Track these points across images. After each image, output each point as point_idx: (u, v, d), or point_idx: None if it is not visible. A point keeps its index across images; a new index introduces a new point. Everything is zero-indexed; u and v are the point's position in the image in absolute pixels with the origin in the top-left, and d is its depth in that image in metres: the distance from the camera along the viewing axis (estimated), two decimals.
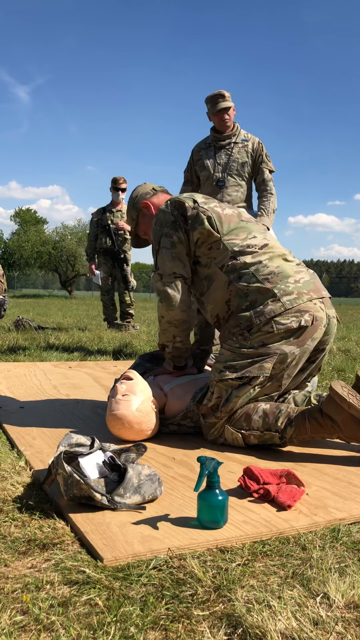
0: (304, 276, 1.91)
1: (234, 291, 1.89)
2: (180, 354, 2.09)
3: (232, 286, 1.89)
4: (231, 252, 1.91)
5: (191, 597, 0.96)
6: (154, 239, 2.02)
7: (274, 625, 0.87)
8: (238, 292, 1.88)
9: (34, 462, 1.63)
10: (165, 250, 1.96)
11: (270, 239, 2.00)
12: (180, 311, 1.96)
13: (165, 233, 1.96)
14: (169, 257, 1.95)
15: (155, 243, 2.01)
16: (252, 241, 1.94)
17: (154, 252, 2.02)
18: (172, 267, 1.95)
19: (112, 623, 0.88)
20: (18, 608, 0.92)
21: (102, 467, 1.38)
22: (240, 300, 1.87)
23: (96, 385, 2.95)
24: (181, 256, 1.96)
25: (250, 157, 3.64)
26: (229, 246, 1.92)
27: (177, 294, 1.95)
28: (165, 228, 1.97)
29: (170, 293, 1.95)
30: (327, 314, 1.89)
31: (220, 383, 1.85)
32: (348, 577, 1.03)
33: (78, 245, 33.01)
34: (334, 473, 1.64)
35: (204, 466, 1.25)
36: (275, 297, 1.82)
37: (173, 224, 1.96)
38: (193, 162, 3.78)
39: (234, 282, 1.88)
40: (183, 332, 2.02)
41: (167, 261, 1.95)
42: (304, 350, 1.83)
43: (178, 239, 1.95)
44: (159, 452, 1.81)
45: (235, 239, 1.93)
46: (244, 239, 1.94)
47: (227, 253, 1.91)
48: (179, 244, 1.95)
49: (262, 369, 1.80)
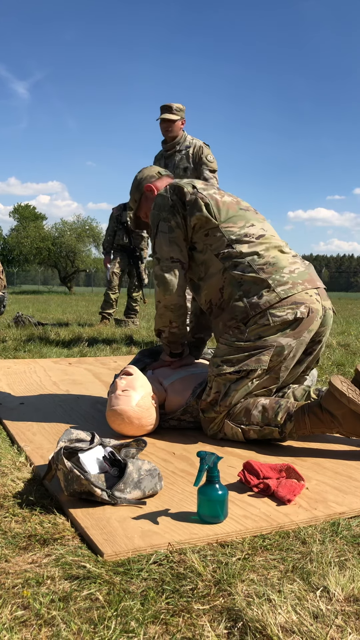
0: (299, 267, 1.91)
1: (228, 279, 1.90)
2: (177, 340, 2.10)
3: (227, 273, 1.90)
4: (227, 240, 1.92)
5: (191, 591, 0.96)
6: (152, 223, 2.03)
7: (274, 619, 0.88)
8: (232, 280, 1.89)
9: (34, 458, 1.63)
10: (162, 235, 1.97)
11: (268, 229, 2.01)
12: (177, 296, 1.97)
13: (164, 217, 1.97)
14: (167, 241, 1.96)
15: (153, 227, 2.02)
16: (250, 230, 1.95)
17: (151, 236, 2.04)
18: (169, 251, 1.96)
19: (112, 617, 0.88)
20: (19, 603, 0.92)
21: (102, 463, 1.38)
22: (234, 289, 1.88)
23: (96, 381, 2.95)
24: (178, 241, 1.97)
25: (191, 162, 4.00)
26: (226, 234, 1.92)
27: (174, 278, 1.96)
28: (164, 212, 1.97)
29: (167, 278, 1.95)
30: (323, 306, 1.90)
31: (218, 378, 1.85)
32: (348, 571, 1.03)
33: (77, 241, 32.96)
34: (334, 467, 1.64)
35: (203, 461, 1.25)
36: (269, 288, 1.82)
37: (171, 209, 1.97)
38: None
39: (229, 269, 1.89)
40: (179, 317, 2.02)
41: (165, 245, 1.96)
42: (300, 342, 1.83)
43: (176, 223, 1.96)
44: (158, 447, 1.81)
45: (233, 226, 1.94)
46: (242, 227, 1.94)
47: (224, 240, 1.92)
48: (177, 229, 1.96)
49: (260, 362, 1.81)
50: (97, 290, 32.34)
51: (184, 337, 2.12)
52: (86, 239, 33.54)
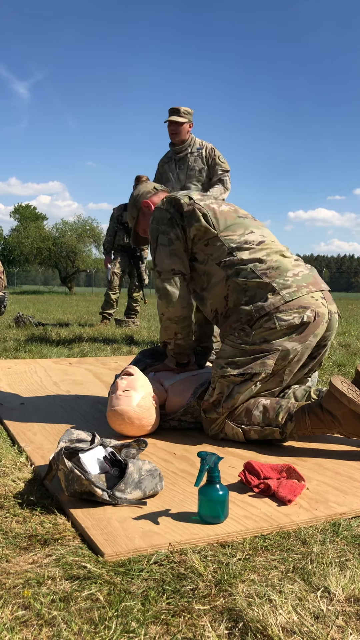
0: (303, 270, 1.91)
1: (232, 286, 1.89)
2: (183, 351, 2.09)
3: (230, 281, 1.89)
4: (228, 249, 1.91)
5: (192, 591, 0.96)
6: (151, 237, 2.02)
7: (275, 619, 0.88)
8: (236, 287, 1.88)
9: (34, 458, 1.63)
10: (162, 247, 1.96)
11: (268, 235, 2.00)
12: (181, 307, 1.96)
13: (163, 230, 1.97)
14: (167, 254, 1.96)
15: (153, 241, 2.01)
16: (249, 237, 1.94)
17: (152, 250, 2.03)
18: (170, 263, 1.96)
19: (113, 618, 0.88)
20: (19, 603, 0.92)
21: (102, 463, 1.38)
22: (239, 295, 1.87)
23: (96, 382, 2.95)
24: (179, 252, 1.96)
25: (205, 162, 4.07)
26: (226, 242, 1.92)
27: (176, 290, 1.95)
28: (162, 225, 1.97)
29: (169, 290, 1.95)
30: (329, 310, 1.89)
31: (222, 379, 1.85)
32: (348, 571, 1.03)
33: (78, 241, 32.95)
34: (335, 467, 1.64)
35: (204, 461, 1.25)
36: (274, 291, 1.81)
37: (170, 221, 1.97)
38: (159, 175, 4.21)
39: (232, 277, 1.89)
40: (184, 329, 2.02)
41: (165, 258, 1.96)
42: (306, 346, 1.83)
43: (175, 235, 1.96)
44: (159, 447, 1.81)
45: (232, 235, 1.93)
46: (241, 235, 1.94)
47: (224, 249, 1.92)
48: (176, 241, 1.96)
49: (265, 365, 1.80)
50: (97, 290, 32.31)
51: (190, 348, 2.12)
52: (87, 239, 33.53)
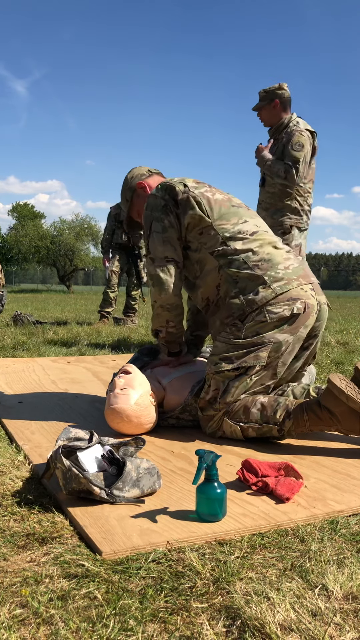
0: (293, 262, 1.93)
1: (224, 276, 1.90)
2: (174, 339, 2.09)
3: (222, 271, 1.91)
4: (222, 238, 1.92)
5: (190, 589, 0.96)
6: (145, 224, 2.02)
7: (273, 616, 0.88)
8: (228, 277, 1.89)
9: (32, 457, 1.63)
10: (156, 234, 1.96)
11: (261, 225, 2.01)
12: (173, 295, 1.97)
13: (156, 217, 1.97)
14: (160, 241, 1.95)
15: (146, 227, 2.01)
16: (243, 226, 1.95)
17: (145, 237, 2.03)
18: (163, 251, 1.96)
19: (111, 616, 0.88)
20: (17, 602, 0.92)
21: (100, 461, 1.38)
22: (230, 287, 1.89)
23: (95, 380, 2.95)
24: (172, 240, 1.96)
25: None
26: (220, 231, 1.93)
27: (169, 277, 1.95)
28: (156, 212, 1.97)
29: (162, 277, 1.95)
30: (318, 301, 1.92)
31: (217, 375, 1.85)
32: (346, 569, 1.03)
33: (76, 239, 32.91)
34: (333, 465, 1.64)
35: (202, 459, 1.25)
36: (265, 284, 1.83)
37: (164, 208, 1.96)
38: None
39: (224, 267, 1.90)
40: (176, 316, 2.02)
41: (159, 245, 1.96)
42: (297, 337, 1.85)
43: (169, 222, 1.95)
44: (157, 445, 1.81)
45: (226, 224, 1.94)
46: (235, 224, 1.95)
47: (218, 238, 1.92)
48: (170, 228, 1.95)
49: (258, 358, 1.81)
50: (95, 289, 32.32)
51: (181, 336, 2.12)
52: (85, 238, 33.49)
